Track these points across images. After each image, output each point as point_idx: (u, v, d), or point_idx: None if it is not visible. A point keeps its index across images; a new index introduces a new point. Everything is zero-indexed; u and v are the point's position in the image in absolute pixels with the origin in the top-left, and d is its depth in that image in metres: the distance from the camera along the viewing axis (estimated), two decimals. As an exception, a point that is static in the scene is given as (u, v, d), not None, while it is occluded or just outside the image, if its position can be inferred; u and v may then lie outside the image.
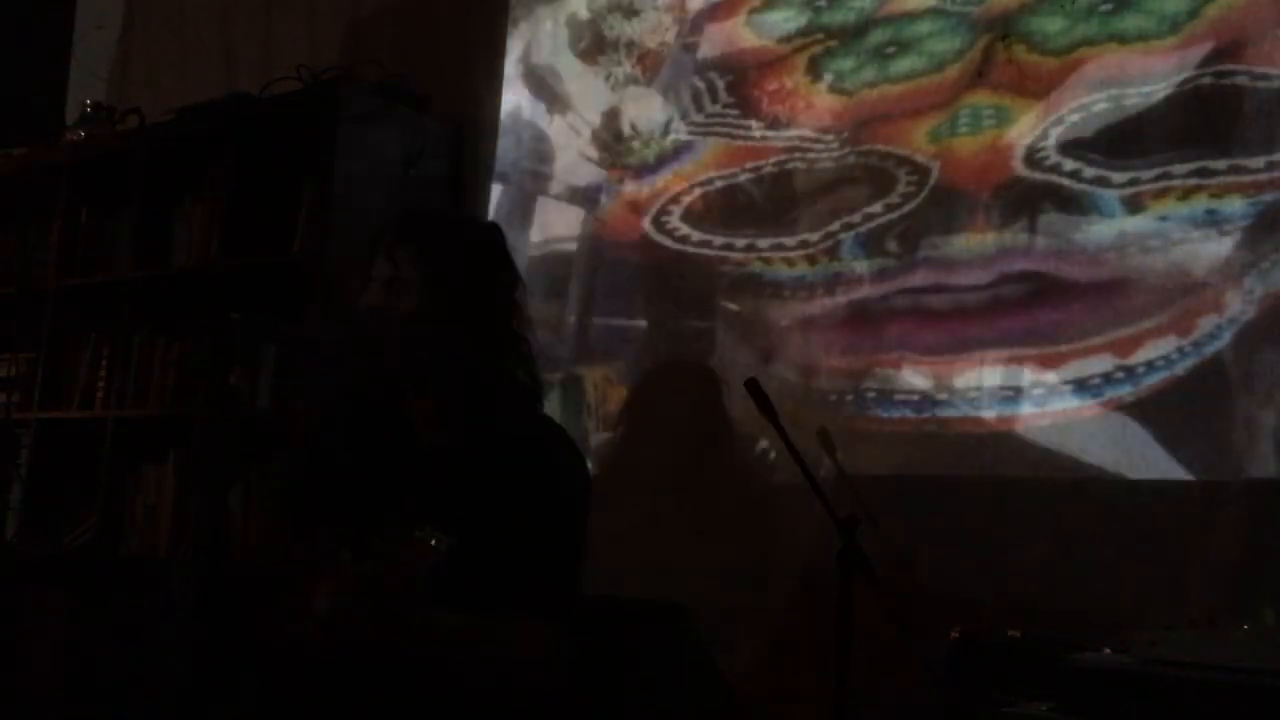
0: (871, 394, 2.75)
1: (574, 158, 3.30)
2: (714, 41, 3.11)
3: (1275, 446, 2.27)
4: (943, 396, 2.66)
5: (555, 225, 3.31)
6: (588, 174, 3.26)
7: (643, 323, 3.10)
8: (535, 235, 3.34)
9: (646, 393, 3.12)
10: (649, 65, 3.20)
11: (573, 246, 3.26)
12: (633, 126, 3.18)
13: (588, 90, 3.30)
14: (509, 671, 1.76)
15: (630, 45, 3.22)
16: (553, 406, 3.14)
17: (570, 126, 3.32)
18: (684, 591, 2.29)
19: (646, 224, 3.19)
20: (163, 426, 3.52)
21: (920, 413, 2.68)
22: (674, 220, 3.15)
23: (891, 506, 2.59)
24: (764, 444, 2.86)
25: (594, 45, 3.32)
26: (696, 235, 3.10)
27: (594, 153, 3.27)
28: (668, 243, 3.14)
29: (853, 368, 2.78)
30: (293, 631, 1.75)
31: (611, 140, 3.23)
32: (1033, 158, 2.61)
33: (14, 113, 4.39)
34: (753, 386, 2.08)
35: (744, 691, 2.24)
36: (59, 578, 3.62)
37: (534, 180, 3.37)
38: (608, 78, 3.26)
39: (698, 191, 3.12)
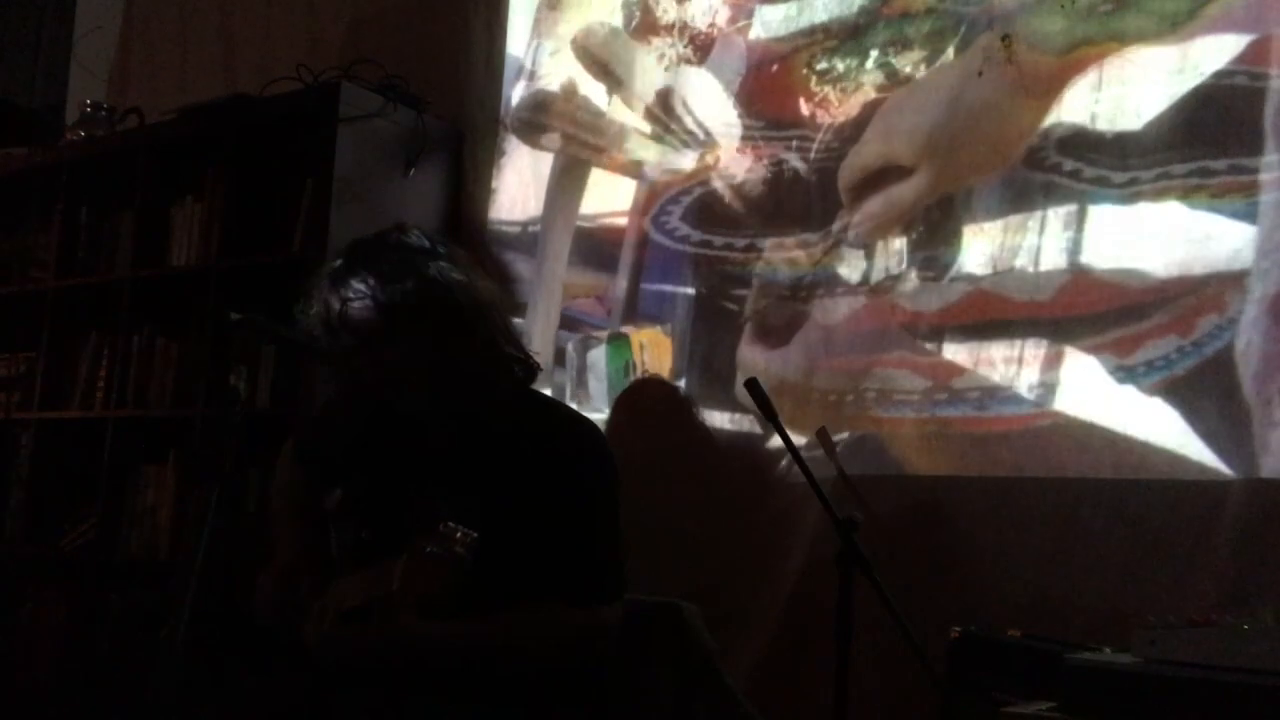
0: (871, 394, 2.75)
1: (628, 132, 3.29)
2: (765, 23, 3.10)
3: (1275, 446, 2.27)
4: (942, 396, 2.66)
5: (607, 197, 3.31)
6: (640, 149, 3.26)
7: (690, 290, 3.11)
8: (586, 206, 3.35)
9: (646, 393, 3.12)
10: (700, 46, 3.19)
11: (623, 220, 3.26)
12: (684, 104, 3.18)
13: (641, 68, 3.29)
14: (564, 659, 1.80)
15: (683, 27, 3.22)
16: (598, 362, 3.20)
17: (624, 102, 3.31)
18: (684, 591, 2.29)
19: (647, 223, 3.19)
20: (163, 426, 3.52)
21: (920, 412, 2.68)
22: (674, 220, 3.15)
23: (892, 506, 2.60)
24: (764, 444, 2.87)
25: (646, 25, 3.30)
26: (696, 235, 3.10)
27: (646, 128, 3.26)
28: (667, 242, 3.15)
29: (852, 367, 2.78)
30: (315, 634, 1.75)
31: (664, 116, 3.22)
32: (1033, 157, 2.60)
33: (14, 113, 4.39)
34: (753, 386, 2.07)
35: (744, 691, 2.24)
36: (59, 578, 3.62)
37: (588, 151, 3.36)
38: (661, 57, 3.26)
39: (698, 191, 3.13)
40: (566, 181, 3.39)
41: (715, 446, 2.97)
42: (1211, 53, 2.42)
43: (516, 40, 3.56)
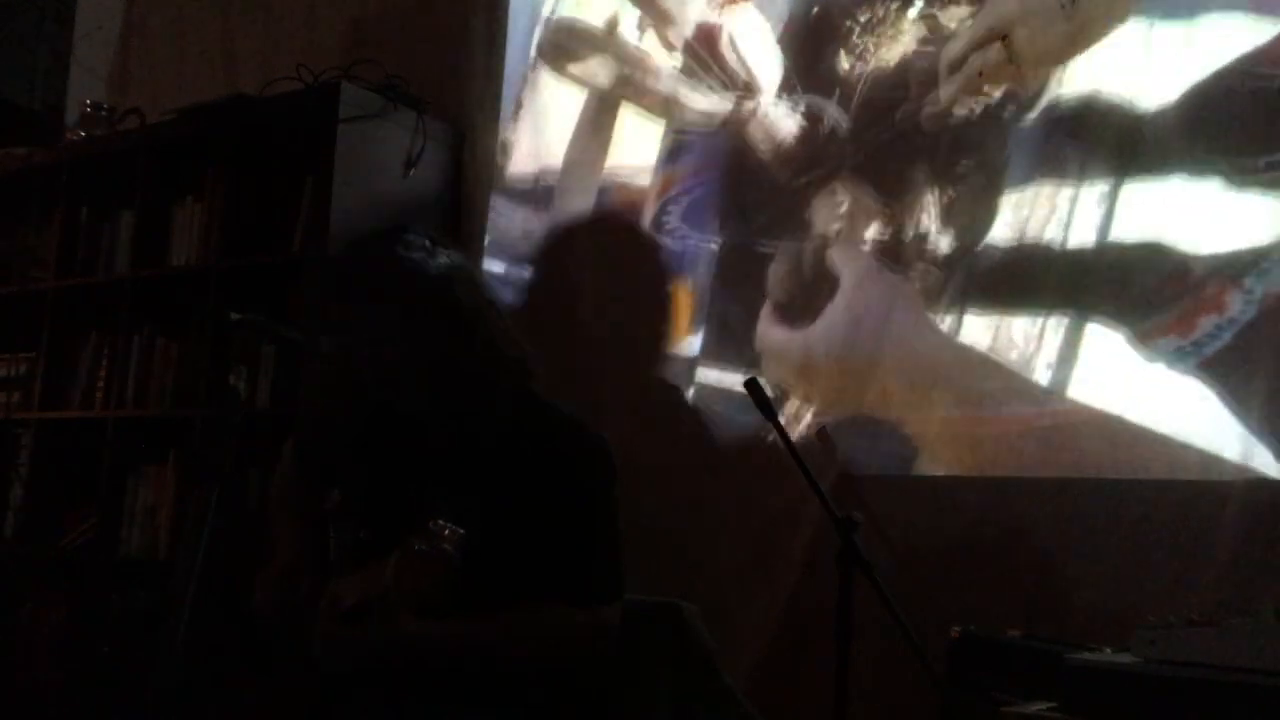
0: (889, 382, 2.72)
1: (661, 69, 3.24)
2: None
3: (1275, 446, 2.27)
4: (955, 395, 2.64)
5: (632, 150, 3.26)
6: (674, 87, 3.21)
7: (714, 245, 3.08)
8: (611, 158, 3.30)
9: (645, 393, 3.12)
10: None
11: (644, 180, 3.22)
12: (730, 41, 3.12)
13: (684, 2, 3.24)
14: (565, 660, 1.80)
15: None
16: None
17: (660, 38, 3.25)
18: (684, 591, 2.29)
19: (647, 223, 3.19)
20: (163, 426, 3.52)
21: (936, 411, 2.66)
22: (674, 220, 3.14)
23: (893, 507, 2.60)
24: (764, 442, 2.86)
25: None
26: (696, 236, 3.10)
27: (679, 62, 3.21)
28: (668, 242, 3.14)
29: (870, 349, 2.77)
30: (314, 634, 1.75)
31: (706, 54, 3.17)
32: (1069, 128, 2.57)
33: (14, 113, 4.39)
34: (752, 387, 2.07)
35: (744, 691, 2.24)
36: (59, 577, 3.62)
37: (620, 86, 3.32)
38: None
39: (699, 192, 3.11)
40: (596, 123, 3.33)
41: (715, 445, 2.97)
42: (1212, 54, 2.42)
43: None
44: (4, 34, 4.44)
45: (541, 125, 3.42)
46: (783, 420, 2.75)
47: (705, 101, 3.13)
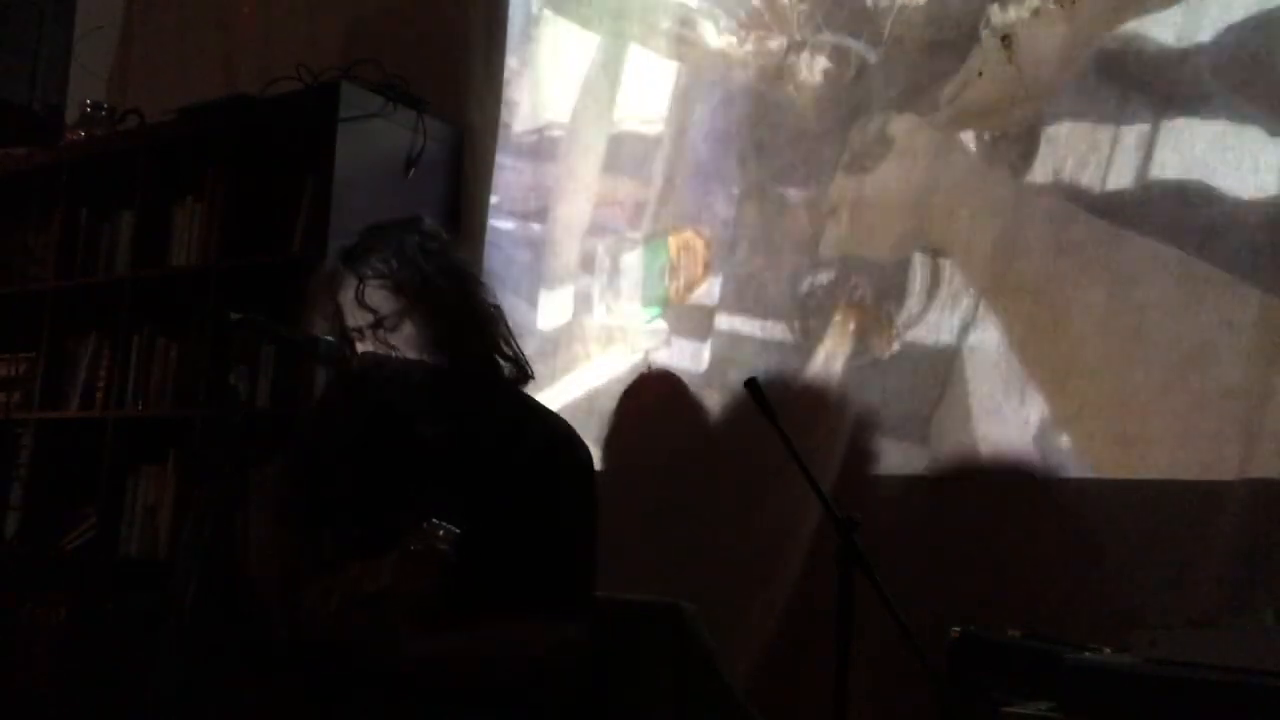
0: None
1: (677, 6, 3.18)
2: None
3: (1275, 446, 2.27)
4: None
5: (645, 83, 3.19)
6: (688, 24, 3.14)
7: (735, 190, 3.04)
8: (621, 104, 3.24)
9: (645, 393, 3.12)
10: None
11: (656, 128, 3.18)
12: None
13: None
14: (528, 674, 1.79)
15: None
16: (633, 266, 3.15)
17: None
18: (684, 591, 2.29)
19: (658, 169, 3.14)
20: (163, 426, 3.52)
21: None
22: (689, 164, 3.09)
23: (892, 506, 2.60)
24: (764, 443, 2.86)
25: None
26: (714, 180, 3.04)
27: (694, 3, 3.13)
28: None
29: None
30: (300, 632, 1.75)
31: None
32: (1110, 68, 2.52)
33: (14, 113, 4.39)
34: (752, 386, 2.07)
35: (744, 691, 2.24)
36: (59, 578, 3.62)
37: (631, 27, 3.26)
38: None
39: (717, 135, 3.07)
40: (605, 68, 3.29)
41: (716, 445, 2.97)
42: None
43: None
44: (4, 34, 4.44)
45: (546, 76, 3.39)
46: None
47: (723, 41, 3.06)
